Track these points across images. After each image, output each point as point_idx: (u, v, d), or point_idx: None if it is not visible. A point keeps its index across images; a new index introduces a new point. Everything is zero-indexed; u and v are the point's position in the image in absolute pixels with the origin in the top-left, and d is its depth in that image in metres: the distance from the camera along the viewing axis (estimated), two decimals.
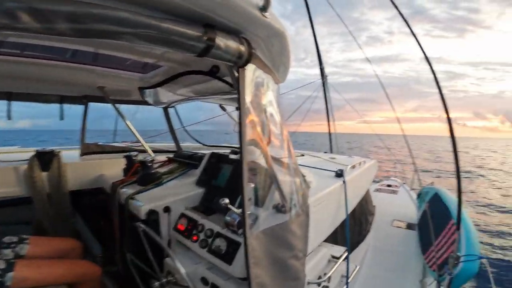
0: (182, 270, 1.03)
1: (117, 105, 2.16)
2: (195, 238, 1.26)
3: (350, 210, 1.93)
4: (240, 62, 0.78)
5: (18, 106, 1.93)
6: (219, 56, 0.72)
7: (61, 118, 2.09)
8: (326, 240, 1.60)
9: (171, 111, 2.40)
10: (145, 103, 2.15)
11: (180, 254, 1.26)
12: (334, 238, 1.72)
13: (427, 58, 1.94)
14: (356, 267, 1.77)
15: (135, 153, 1.86)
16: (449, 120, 1.72)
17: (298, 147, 3.11)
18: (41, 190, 1.76)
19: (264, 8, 0.71)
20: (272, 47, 0.90)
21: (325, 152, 3.67)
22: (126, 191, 1.54)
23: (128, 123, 2.17)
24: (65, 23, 0.49)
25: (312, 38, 5.42)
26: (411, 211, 3.92)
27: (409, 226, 3.53)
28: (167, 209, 1.38)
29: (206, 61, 1.32)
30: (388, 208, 4.05)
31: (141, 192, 1.49)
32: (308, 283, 1.26)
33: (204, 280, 1.12)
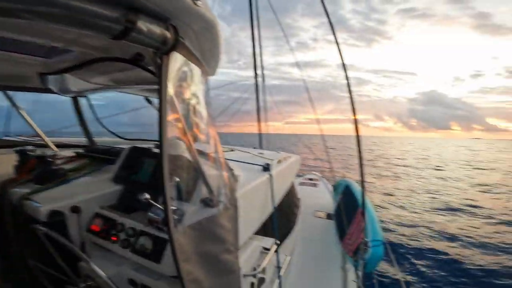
0: (101, 273, 0.93)
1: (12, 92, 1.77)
2: (114, 238, 1.16)
3: (277, 202, 2.02)
4: (164, 48, 0.73)
5: None
6: (139, 40, 0.65)
7: None
8: (256, 233, 1.65)
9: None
10: (48, 91, 1.81)
11: (98, 257, 1.14)
12: (264, 231, 1.78)
13: (344, 65, 2.22)
14: (287, 257, 1.88)
15: (30, 147, 1.55)
16: (355, 121, 2.00)
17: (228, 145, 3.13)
18: None
19: None
20: (202, 37, 0.87)
21: (254, 148, 3.79)
22: (19, 191, 1.29)
23: (23, 112, 1.79)
24: None
25: (247, 41, 5.57)
26: (329, 202, 4.33)
27: (328, 216, 3.88)
28: (75, 209, 1.22)
29: (128, 48, 1.19)
30: (310, 200, 4.40)
31: (40, 192, 1.27)
32: (244, 275, 1.29)
33: (132, 282, 1.05)
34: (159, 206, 1.04)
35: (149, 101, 2.50)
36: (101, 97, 2.12)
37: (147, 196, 0.99)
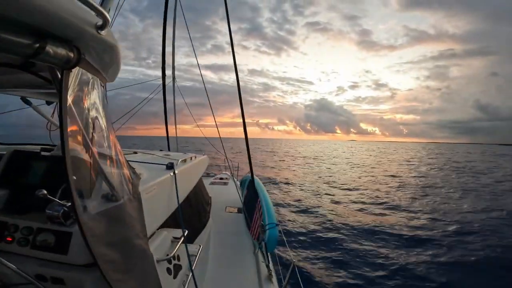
0: (10, 265, 0.95)
1: None
2: (9, 239, 1.16)
3: (183, 198, 2.19)
4: (67, 66, 0.85)
5: None
6: (46, 60, 0.77)
7: None
8: (166, 225, 1.79)
9: None
10: None
11: None
12: (174, 224, 1.92)
13: (236, 71, 2.57)
14: (200, 246, 2.05)
15: None
16: (244, 123, 2.41)
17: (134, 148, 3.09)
18: None
19: (101, 27, 0.84)
20: (104, 55, 1.01)
21: (161, 150, 3.82)
22: None
23: None
24: None
25: (159, 39, 5.30)
26: (238, 197, 4.78)
27: (239, 210, 4.22)
28: None
29: None
30: (221, 197, 4.68)
31: None
32: (157, 261, 1.41)
33: (40, 277, 1.07)
34: (58, 201, 1.12)
35: (27, 102, 2.25)
36: None
37: (44, 191, 1.06)
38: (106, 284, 0.99)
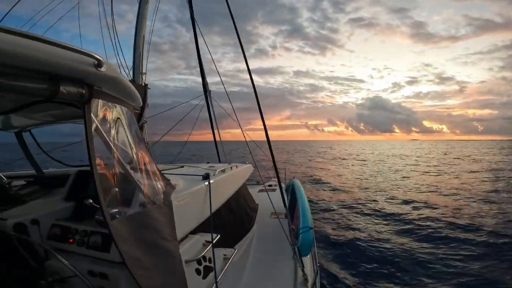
0: (65, 262, 1.18)
1: None
2: (71, 240, 1.44)
3: (218, 205, 2.32)
4: (82, 100, 1.06)
5: None
6: (63, 99, 0.98)
7: None
8: (201, 230, 1.94)
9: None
10: None
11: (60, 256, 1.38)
12: (208, 230, 2.02)
13: (249, 72, 2.61)
14: (234, 250, 2.15)
15: None
16: (264, 126, 2.42)
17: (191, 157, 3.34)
18: None
19: (98, 65, 1.02)
20: (115, 85, 1.22)
21: (208, 163, 4.05)
22: None
23: None
24: None
25: (205, 47, 5.52)
26: (285, 203, 4.77)
27: (285, 216, 4.09)
28: (35, 222, 1.49)
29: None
30: (268, 204, 4.73)
31: (2, 212, 1.52)
32: (186, 261, 1.56)
33: (91, 273, 1.31)
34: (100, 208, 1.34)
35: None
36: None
37: (90, 200, 1.31)
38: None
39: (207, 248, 1.81)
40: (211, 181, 2.20)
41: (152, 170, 1.54)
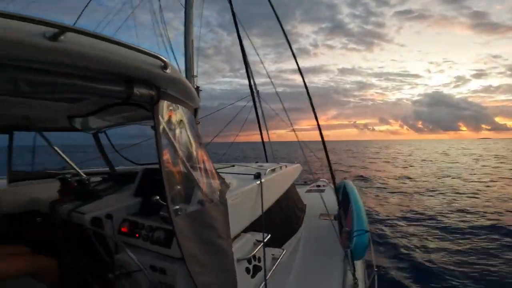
0: (133, 256, 1.26)
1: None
2: (137, 235, 1.54)
3: (268, 204, 2.33)
4: (153, 101, 1.14)
5: None
6: (136, 100, 1.06)
7: None
8: (251, 229, 1.97)
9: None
10: (74, 129, 2.24)
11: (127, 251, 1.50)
12: (258, 229, 2.05)
13: (300, 70, 2.53)
14: (283, 250, 2.15)
15: (69, 175, 1.99)
16: (318, 126, 2.33)
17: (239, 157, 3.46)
18: None
19: (164, 67, 1.08)
20: (177, 87, 1.28)
21: (257, 162, 4.09)
22: (67, 206, 1.72)
23: (57, 148, 2.24)
24: (43, 88, 0.79)
25: (248, 49, 5.59)
26: (335, 204, 4.62)
27: (335, 217, 4.02)
28: (109, 216, 1.62)
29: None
30: (317, 204, 4.57)
31: (82, 206, 1.70)
32: (238, 260, 1.59)
33: (153, 267, 1.39)
34: (165, 204, 1.42)
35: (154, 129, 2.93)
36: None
37: (157, 197, 1.39)
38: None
39: (258, 248, 1.82)
40: (262, 180, 2.21)
41: (209, 169, 1.59)
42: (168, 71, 1.10)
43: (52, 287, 1.40)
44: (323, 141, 2.43)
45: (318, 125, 2.62)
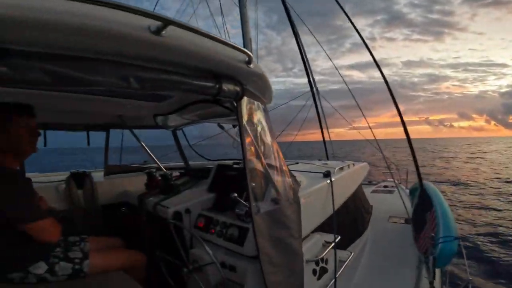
0: (210, 252, 1.28)
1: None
2: (212, 231, 1.58)
3: (338, 204, 2.22)
4: (237, 97, 1.16)
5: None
6: (224, 96, 1.09)
7: (88, 143, 2.46)
8: (321, 230, 1.90)
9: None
10: (158, 127, 2.46)
11: (201, 246, 1.52)
12: (328, 229, 1.99)
13: (376, 62, 2.33)
14: (351, 253, 2.04)
15: (154, 169, 2.21)
16: (403, 121, 2.10)
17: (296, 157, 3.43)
18: (78, 204, 2.10)
19: (248, 62, 1.08)
20: (257, 83, 1.28)
21: (319, 160, 4.00)
22: (153, 200, 1.88)
23: (144, 145, 2.52)
24: (147, 84, 0.82)
25: (300, 47, 5.57)
26: (406, 207, 4.21)
27: (406, 221, 3.75)
28: (187, 211, 1.71)
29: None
30: (385, 206, 4.32)
31: (165, 200, 1.84)
32: (307, 261, 1.55)
33: (223, 264, 1.41)
34: (243, 202, 1.44)
35: (222, 127, 3.09)
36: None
37: (235, 195, 1.41)
38: (261, 274, 1.16)
39: (328, 249, 1.73)
40: (332, 179, 2.11)
41: (284, 167, 1.58)
42: (252, 66, 1.10)
43: (140, 282, 1.47)
44: (408, 138, 2.19)
45: (402, 120, 2.38)
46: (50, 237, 1.22)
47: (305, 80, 5.83)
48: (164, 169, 2.54)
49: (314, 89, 5.74)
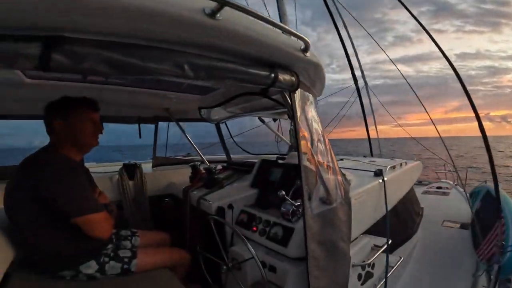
0: (252, 251, 1.22)
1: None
2: (254, 228, 1.51)
3: (390, 206, 2.04)
4: (292, 89, 1.07)
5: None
6: (279, 86, 1.01)
7: (140, 136, 2.58)
8: (368, 232, 1.75)
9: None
10: (202, 120, 2.48)
11: (241, 244, 1.47)
12: (376, 232, 1.85)
13: (443, 53, 2.07)
14: (400, 258, 1.89)
15: (198, 162, 2.23)
16: (477, 117, 1.83)
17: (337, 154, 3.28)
18: (128, 195, 2.20)
19: (305, 50, 0.99)
20: (311, 73, 1.18)
21: (364, 156, 3.78)
22: (196, 193, 1.88)
23: (189, 138, 2.58)
24: (201, 73, 0.77)
25: (335, 43, 5.32)
26: (464, 211, 3.83)
27: (463, 226, 3.46)
28: (230, 206, 1.67)
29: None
30: (438, 209, 4.01)
31: (209, 194, 1.83)
32: (353, 265, 1.42)
33: (263, 264, 1.34)
34: (291, 201, 1.35)
35: (262, 121, 3.03)
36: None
37: (283, 192, 1.33)
38: (303, 277, 1.09)
39: (377, 254, 1.59)
40: (385, 179, 1.93)
41: (335, 164, 1.45)
42: (308, 54, 1.00)
43: (181, 279, 1.45)
44: (484, 136, 1.91)
45: (478, 118, 2.08)
46: (102, 233, 1.19)
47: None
48: (207, 162, 2.57)
49: (363, 83, 5.41)
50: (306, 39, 0.97)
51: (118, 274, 1.26)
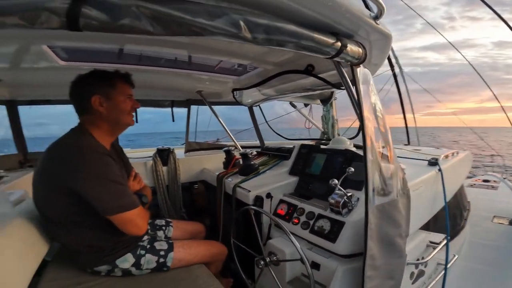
0: (297, 244, 1.09)
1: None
2: (296, 221, 1.37)
3: (448, 198, 1.88)
4: (358, 62, 0.91)
5: None
6: (344, 58, 0.84)
7: (173, 120, 2.56)
8: (423, 227, 1.62)
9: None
10: (236, 103, 2.35)
11: (279, 237, 1.38)
12: (428, 227, 1.71)
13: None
14: (454, 256, 1.77)
15: (232, 147, 2.13)
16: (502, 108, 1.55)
17: None
18: (162, 182, 2.17)
19: (377, 17, 0.82)
20: (380, 45, 0.99)
21: (406, 145, 3.54)
22: (231, 181, 1.78)
23: (222, 122, 2.49)
24: (259, 34, 0.63)
25: None
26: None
27: (511, 222, 3.24)
28: (269, 195, 1.55)
29: (300, 61, 1.42)
30: (487, 204, 3.77)
31: (245, 181, 1.72)
32: (407, 263, 1.28)
33: (302, 259, 1.24)
34: (343, 191, 1.21)
35: (294, 106, 2.87)
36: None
37: (336, 181, 1.18)
38: (351, 276, 1.03)
39: (435, 252, 1.46)
40: (441, 168, 1.77)
41: (394, 152, 1.28)
42: (379, 21, 0.83)
43: (216, 274, 1.36)
44: None
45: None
46: (137, 231, 1.06)
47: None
48: (240, 148, 2.47)
49: (398, 69, 5.09)
50: (381, 2, 0.79)
51: (153, 269, 1.17)
